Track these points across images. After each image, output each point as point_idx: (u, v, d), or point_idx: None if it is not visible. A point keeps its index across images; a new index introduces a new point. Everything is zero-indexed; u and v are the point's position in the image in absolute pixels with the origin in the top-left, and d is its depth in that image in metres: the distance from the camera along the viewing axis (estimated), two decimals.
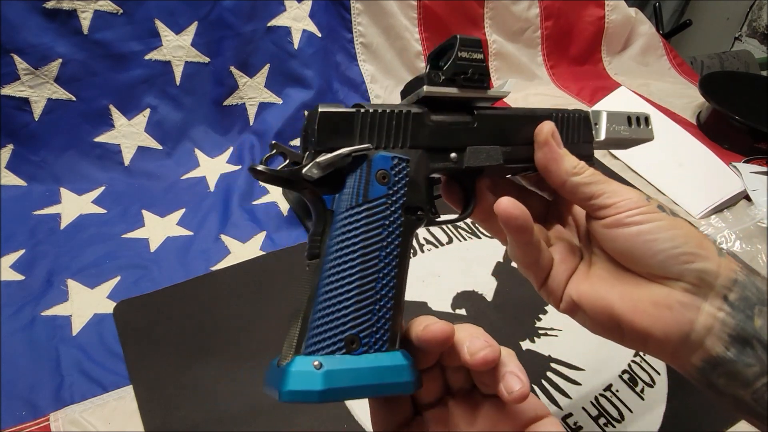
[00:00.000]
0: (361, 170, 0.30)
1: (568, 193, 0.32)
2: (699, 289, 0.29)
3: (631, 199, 0.31)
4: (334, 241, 0.29)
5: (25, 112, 0.74)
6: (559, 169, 0.32)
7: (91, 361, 0.56)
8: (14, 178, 0.76)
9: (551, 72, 1.18)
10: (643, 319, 0.30)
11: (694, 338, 0.29)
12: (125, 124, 0.81)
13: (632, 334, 0.31)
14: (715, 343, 0.28)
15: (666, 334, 0.29)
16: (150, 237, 0.71)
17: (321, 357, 0.27)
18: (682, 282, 0.29)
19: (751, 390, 0.28)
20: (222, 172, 0.84)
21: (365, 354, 0.28)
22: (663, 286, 0.30)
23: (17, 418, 0.50)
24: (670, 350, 0.30)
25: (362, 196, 0.29)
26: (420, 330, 0.28)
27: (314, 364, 0.27)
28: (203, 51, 0.83)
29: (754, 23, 1.79)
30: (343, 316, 0.28)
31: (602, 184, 0.31)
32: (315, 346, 0.27)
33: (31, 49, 0.72)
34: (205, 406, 0.52)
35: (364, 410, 0.52)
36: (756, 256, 0.74)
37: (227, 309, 0.61)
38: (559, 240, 0.35)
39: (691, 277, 0.29)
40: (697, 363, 0.29)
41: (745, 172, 0.86)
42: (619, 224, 0.30)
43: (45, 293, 0.62)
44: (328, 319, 0.28)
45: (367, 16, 0.97)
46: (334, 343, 0.28)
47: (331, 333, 0.28)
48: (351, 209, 0.29)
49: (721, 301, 0.29)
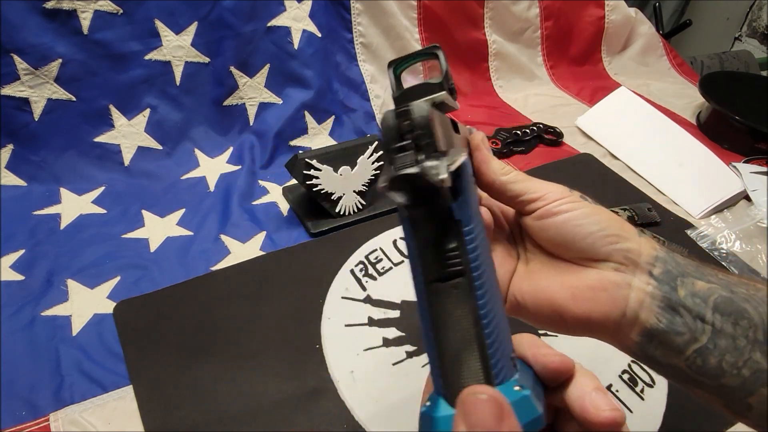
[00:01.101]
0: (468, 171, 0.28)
1: (497, 192, 0.34)
2: (627, 267, 0.31)
3: (554, 191, 0.33)
4: (475, 254, 0.25)
5: (25, 112, 0.74)
6: (488, 170, 0.34)
7: (91, 361, 0.56)
8: (14, 178, 0.76)
9: (551, 72, 1.18)
10: (583, 304, 0.32)
11: (629, 314, 0.31)
12: (125, 124, 0.81)
13: (575, 321, 0.32)
14: (648, 316, 0.30)
15: (605, 315, 0.31)
16: (150, 237, 0.71)
17: (512, 381, 0.24)
18: (610, 262, 0.32)
19: (684, 357, 0.30)
20: (222, 172, 0.84)
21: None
22: (595, 269, 0.32)
23: (17, 418, 0.50)
24: (612, 330, 0.32)
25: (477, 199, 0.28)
26: (540, 355, 0.27)
27: (515, 389, 0.24)
28: (203, 51, 0.83)
29: (754, 23, 1.79)
30: (504, 336, 0.25)
31: (528, 182, 0.34)
32: (502, 373, 0.24)
33: (31, 49, 0.72)
34: (205, 406, 0.52)
35: (364, 410, 0.52)
36: (756, 256, 0.74)
37: (227, 309, 0.62)
38: (494, 245, 0.37)
39: (619, 257, 0.31)
40: (636, 338, 0.31)
41: (745, 172, 0.86)
42: (549, 214, 0.33)
43: (45, 293, 0.62)
44: (498, 342, 0.25)
45: (367, 16, 0.97)
46: (508, 365, 0.25)
47: (504, 355, 0.25)
48: (476, 215, 0.26)
49: (648, 276, 0.31)
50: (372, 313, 0.63)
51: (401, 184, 0.23)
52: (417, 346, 0.59)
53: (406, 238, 0.27)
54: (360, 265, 0.69)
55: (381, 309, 0.63)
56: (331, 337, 0.59)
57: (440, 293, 0.25)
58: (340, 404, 0.53)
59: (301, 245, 0.71)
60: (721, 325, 0.29)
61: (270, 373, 0.55)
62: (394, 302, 0.64)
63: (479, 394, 0.22)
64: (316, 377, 0.55)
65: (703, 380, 0.30)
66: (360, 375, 0.56)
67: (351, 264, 0.69)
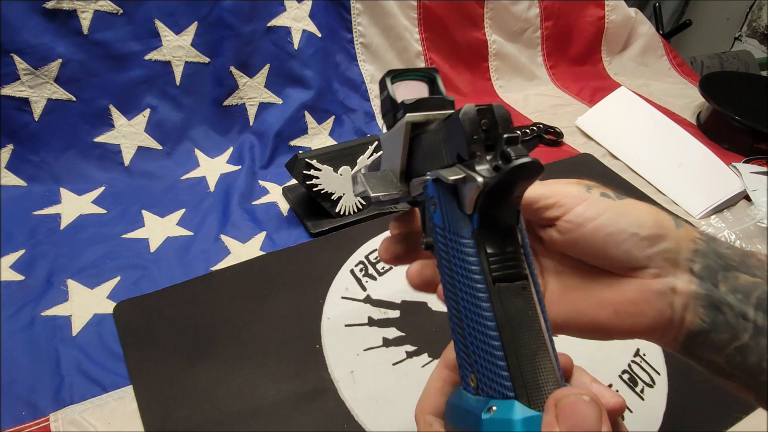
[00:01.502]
0: None
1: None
2: (667, 270, 0.29)
3: (569, 193, 0.30)
4: (530, 258, 0.26)
5: (25, 112, 0.74)
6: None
7: (90, 361, 0.56)
8: (14, 178, 0.76)
9: (551, 72, 1.18)
10: (627, 320, 0.30)
11: (676, 319, 0.30)
12: (125, 124, 0.81)
13: (620, 335, 0.31)
14: (693, 318, 0.29)
15: (651, 326, 0.30)
16: (150, 237, 0.71)
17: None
18: (650, 269, 0.29)
19: (724, 354, 0.29)
20: (222, 172, 0.84)
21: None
22: (635, 278, 0.30)
23: (17, 418, 0.50)
24: (659, 334, 0.31)
25: None
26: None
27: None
28: (203, 51, 0.83)
29: (754, 23, 1.79)
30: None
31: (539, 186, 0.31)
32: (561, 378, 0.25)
33: (31, 49, 0.72)
34: (205, 406, 0.52)
35: (364, 410, 0.52)
36: None
37: (227, 309, 0.62)
38: None
39: (658, 261, 0.29)
40: (681, 339, 0.30)
41: (745, 173, 0.86)
42: (574, 227, 0.30)
43: (45, 293, 0.62)
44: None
45: (367, 17, 0.97)
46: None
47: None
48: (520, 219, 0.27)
49: (689, 275, 0.29)
50: (372, 313, 0.63)
51: (520, 173, 0.23)
52: (417, 345, 0.59)
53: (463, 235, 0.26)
54: (360, 265, 0.69)
55: (381, 309, 0.63)
56: (331, 337, 0.59)
57: (510, 293, 0.25)
58: (340, 404, 0.53)
59: (301, 245, 0.71)
60: (764, 323, 0.28)
61: (270, 373, 0.55)
62: (394, 302, 0.64)
63: (581, 396, 0.22)
64: (316, 377, 0.55)
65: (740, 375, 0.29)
66: (360, 375, 0.56)
67: (351, 264, 0.69)
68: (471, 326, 0.25)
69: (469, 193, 0.25)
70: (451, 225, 0.26)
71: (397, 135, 0.31)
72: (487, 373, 0.24)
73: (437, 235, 0.28)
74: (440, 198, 0.27)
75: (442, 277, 0.28)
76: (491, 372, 0.24)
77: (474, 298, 0.25)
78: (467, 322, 0.26)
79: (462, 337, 0.26)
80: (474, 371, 0.25)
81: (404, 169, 0.32)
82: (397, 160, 0.31)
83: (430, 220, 0.28)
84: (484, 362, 0.25)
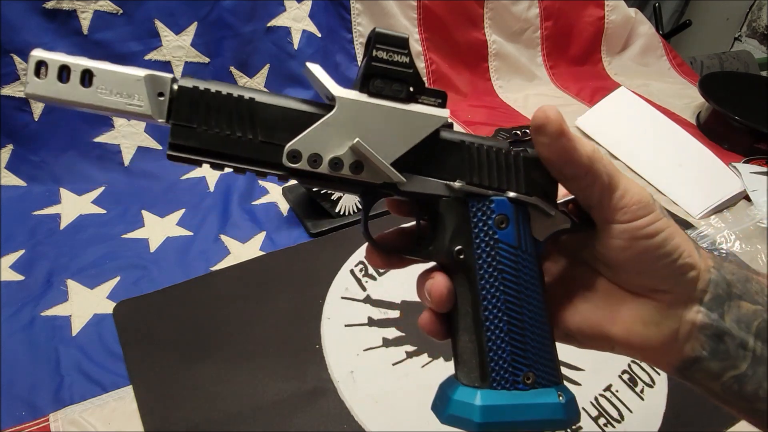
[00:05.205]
0: None
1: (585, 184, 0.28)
2: (681, 297, 0.29)
3: (641, 203, 0.28)
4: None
5: (25, 112, 0.74)
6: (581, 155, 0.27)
7: (90, 361, 0.56)
8: (14, 179, 0.76)
9: (551, 72, 1.18)
10: (635, 338, 0.30)
11: (677, 345, 0.30)
12: (125, 124, 0.81)
13: (623, 351, 0.31)
14: (694, 345, 0.29)
15: (655, 348, 0.30)
16: (150, 237, 0.71)
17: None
18: (669, 294, 0.29)
19: (720, 382, 0.29)
20: (222, 172, 0.84)
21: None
22: (648, 299, 0.30)
23: (17, 418, 0.50)
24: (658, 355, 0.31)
25: None
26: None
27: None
28: (203, 51, 0.83)
29: (754, 23, 1.79)
30: None
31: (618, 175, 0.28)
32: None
33: (31, 49, 0.72)
34: (205, 406, 0.52)
35: (364, 410, 0.52)
36: (756, 257, 0.74)
37: (227, 309, 0.61)
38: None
39: (681, 288, 0.29)
40: (677, 363, 0.30)
41: (745, 173, 0.86)
42: (642, 236, 0.28)
43: (45, 293, 0.62)
44: None
45: (367, 17, 0.97)
46: None
47: None
48: None
49: (698, 305, 0.29)
50: (372, 313, 0.63)
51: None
52: (417, 346, 0.59)
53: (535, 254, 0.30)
54: (360, 265, 0.69)
55: (381, 309, 0.63)
56: (331, 337, 0.59)
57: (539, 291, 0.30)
58: (340, 404, 0.53)
59: (301, 245, 0.71)
60: (762, 352, 0.28)
61: (270, 373, 0.55)
62: (394, 302, 0.64)
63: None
64: (316, 377, 0.55)
65: (736, 402, 0.29)
66: (360, 375, 0.56)
67: (351, 264, 0.69)
68: (534, 332, 0.29)
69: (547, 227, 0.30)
70: (527, 246, 0.30)
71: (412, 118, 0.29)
72: (543, 368, 0.29)
73: (503, 251, 0.29)
74: (519, 220, 0.30)
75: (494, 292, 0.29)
76: (547, 366, 0.29)
77: (540, 309, 0.30)
78: (531, 330, 0.29)
79: (522, 344, 0.29)
80: (532, 370, 0.29)
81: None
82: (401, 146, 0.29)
83: (488, 236, 0.29)
84: (543, 359, 0.29)
